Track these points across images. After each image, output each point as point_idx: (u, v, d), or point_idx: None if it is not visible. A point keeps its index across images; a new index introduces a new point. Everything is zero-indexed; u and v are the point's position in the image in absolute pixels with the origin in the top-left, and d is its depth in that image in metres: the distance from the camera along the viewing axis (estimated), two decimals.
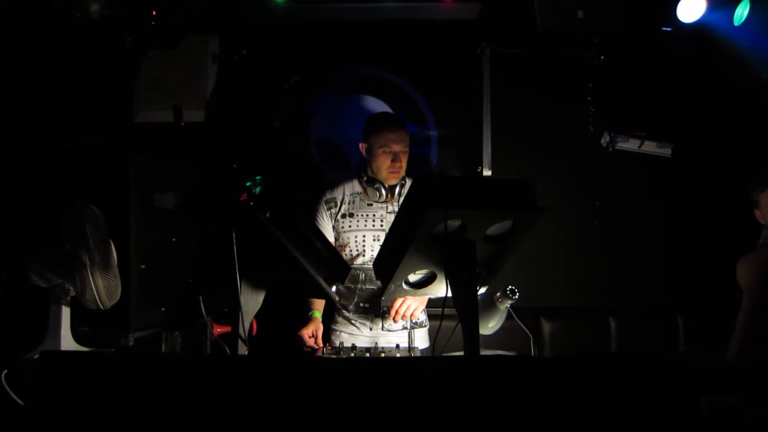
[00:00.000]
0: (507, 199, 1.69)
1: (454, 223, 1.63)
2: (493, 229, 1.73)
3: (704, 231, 3.69)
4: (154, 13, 3.31)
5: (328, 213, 2.86)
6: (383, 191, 2.79)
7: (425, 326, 2.89)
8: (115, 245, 2.17)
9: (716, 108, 3.71)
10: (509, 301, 2.07)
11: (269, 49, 3.72)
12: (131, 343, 2.26)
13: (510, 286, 2.03)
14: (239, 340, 1.67)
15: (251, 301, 1.75)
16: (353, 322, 2.82)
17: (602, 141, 3.69)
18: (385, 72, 3.75)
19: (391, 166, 2.78)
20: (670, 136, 3.60)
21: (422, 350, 2.76)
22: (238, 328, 1.67)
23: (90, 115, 3.70)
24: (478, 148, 3.64)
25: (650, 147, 3.65)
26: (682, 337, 3.67)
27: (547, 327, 3.64)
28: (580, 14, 3.11)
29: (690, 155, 3.66)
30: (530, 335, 2.23)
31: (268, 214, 1.57)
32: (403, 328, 2.78)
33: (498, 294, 2.07)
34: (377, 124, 2.86)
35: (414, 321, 2.80)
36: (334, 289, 1.79)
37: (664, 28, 3.55)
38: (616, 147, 3.64)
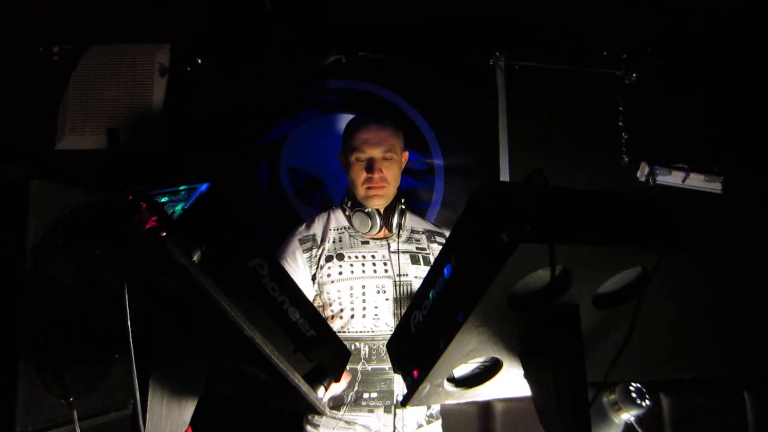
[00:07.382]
0: (644, 229, 0.93)
1: (547, 272, 0.87)
2: (609, 284, 0.96)
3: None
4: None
5: (305, 257, 1.97)
6: (377, 219, 1.98)
7: (439, 419, 2.04)
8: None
9: None
10: (635, 410, 1.21)
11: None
12: None
13: (635, 385, 1.19)
14: None
15: (169, 420, 0.93)
16: (347, 423, 1.91)
17: (639, 174, 3.12)
18: (376, 87, 2.98)
19: (366, 180, 1.98)
20: (720, 169, 3.07)
21: None
22: None
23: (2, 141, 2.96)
24: (494, 179, 2.90)
25: (697, 181, 3.12)
26: (750, 415, 3.04)
27: None
28: None
29: (747, 191, 3.08)
30: None
31: (196, 256, 0.79)
32: (419, 427, 1.94)
33: (613, 397, 1.23)
34: (350, 125, 2.09)
35: (430, 413, 1.99)
36: (321, 391, 0.99)
37: None
38: (657, 181, 3.10)
